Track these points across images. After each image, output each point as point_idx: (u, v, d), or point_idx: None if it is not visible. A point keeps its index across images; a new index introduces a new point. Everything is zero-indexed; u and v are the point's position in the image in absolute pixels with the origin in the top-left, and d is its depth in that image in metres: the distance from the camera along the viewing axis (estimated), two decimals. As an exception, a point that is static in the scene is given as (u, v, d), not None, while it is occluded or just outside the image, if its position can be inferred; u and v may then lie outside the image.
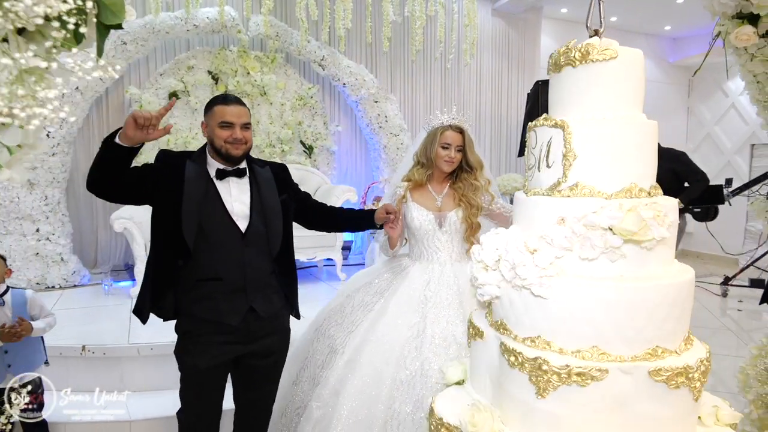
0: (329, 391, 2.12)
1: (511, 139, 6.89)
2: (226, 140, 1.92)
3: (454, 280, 2.27)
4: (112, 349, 3.23)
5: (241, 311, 1.94)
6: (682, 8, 6.57)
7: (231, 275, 1.92)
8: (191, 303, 1.94)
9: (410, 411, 1.98)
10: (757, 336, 4.40)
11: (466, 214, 2.35)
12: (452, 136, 2.36)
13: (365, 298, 2.36)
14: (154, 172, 1.90)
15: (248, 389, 2.11)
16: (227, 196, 1.95)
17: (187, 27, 4.94)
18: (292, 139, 5.54)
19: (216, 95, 2.08)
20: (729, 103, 7.92)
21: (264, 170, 2.07)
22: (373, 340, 2.15)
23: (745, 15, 1.76)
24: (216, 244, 1.91)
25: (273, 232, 2.01)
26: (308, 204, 2.29)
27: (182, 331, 2.00)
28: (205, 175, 1.94)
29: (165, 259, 1.92)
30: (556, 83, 1.40)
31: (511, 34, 6.80)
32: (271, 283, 2.02)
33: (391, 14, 4.84)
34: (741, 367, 2.20)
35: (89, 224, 5.18)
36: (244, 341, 1.98)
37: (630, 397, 1.14)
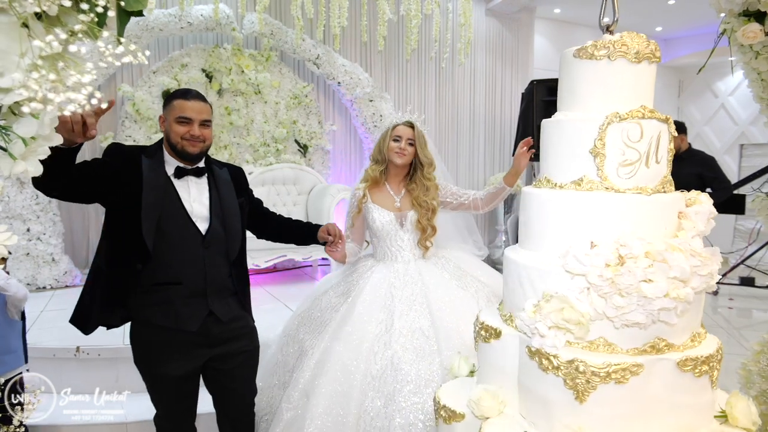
0: (299, 392, 2.12)
1: (505, 138, 6.91)
2: (183, 136, 1.83)
3: (418, 277, 2.33)
4: (107, 350, 3.18)
5: (200, 316, 1.86)
6: (673, 9, 6.63)
7: (191, 278, 1.85)
8: (147, 309, 1.84)
9: (382, 405, 2.00)
10: (748, 333, 4.46)
11: (419, 217, 2.39)
12: (403, 130, 2.43)
13: (332, 299, 2.40)
14: (108, 168, 1.76)
15: (223, 393, 2.04)
16: (186, 196, 1.87)
17: (180, 24, 4.89)
18: (286, 138, 5.51)
19: (176, 89, 1.96)
20: (719, 104, 8.02)
21: (222, 171, 2.01)
22: (342, 339, 2.17)
23: (752, 12, 1.77)
24: (176, 246, 1.83)
25: (232, 235, 1.94)
26: (260, 210, 2.22)
27: (140, 342, 1.91)
28: (162, 173, 1.84)
29: (121, 263, 1.80)
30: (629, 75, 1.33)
31: (505, 34, 6.82)
32: (228, 287, 1.96)
33: (387, 12, 4.83)
34: (743, 363, 2.21)
35: (81, 224, 5.10)
36: (207, 345, 1.91)
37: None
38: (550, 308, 1.15)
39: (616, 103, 1.28)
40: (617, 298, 1.14)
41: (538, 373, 1.22)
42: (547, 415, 1.22)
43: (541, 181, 1.39)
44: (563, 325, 1.15)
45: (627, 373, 1.14)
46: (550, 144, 1.37)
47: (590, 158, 1.27)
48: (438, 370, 2.04)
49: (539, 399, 1.24)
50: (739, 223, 7.40)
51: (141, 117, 4.90)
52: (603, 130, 1.24)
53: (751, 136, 7.65)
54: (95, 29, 0.64)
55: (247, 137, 5.35)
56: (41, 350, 3.14)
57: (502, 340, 1.34)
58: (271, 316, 3.62)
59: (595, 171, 1.27)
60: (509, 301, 1.40)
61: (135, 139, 4.88)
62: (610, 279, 1.14)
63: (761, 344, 2.14)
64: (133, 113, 4.88)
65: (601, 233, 1.22)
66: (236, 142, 5.32)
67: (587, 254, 1.15)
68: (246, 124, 5.33)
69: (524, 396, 1.30)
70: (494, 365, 1.38)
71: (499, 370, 1.36)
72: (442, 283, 2.31)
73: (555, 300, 1.16)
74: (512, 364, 1.32)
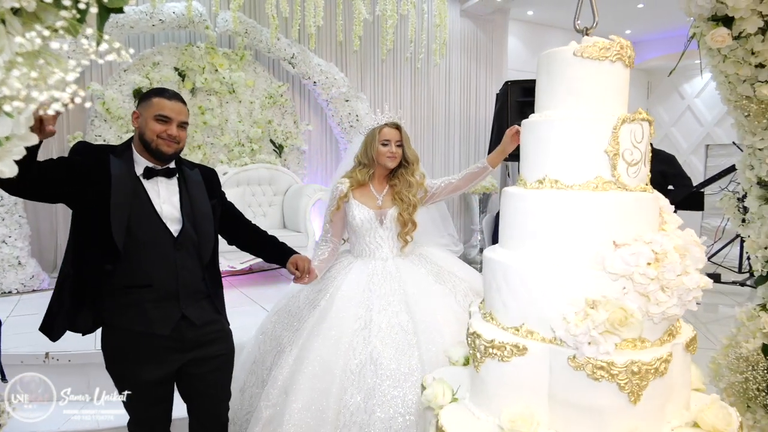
0: (278, 390, 2.11)
1: (480, 138, 6.97)
2: (159, 135, 1.78)
3: (396, 273, 2.34)
4: (77, 355, 3.10)
5: (172, 319, 1.82)
6: (642, 13, 6.79)
7: (162, 281, 1.80)
8: (117, 312, 1.80)
9: (361, 400, 2.00)
10: (715, 328, 4.59)
11: (400, 211, 2.41)
12: (390, 132, 2.42)
13: (310, 296, 2.38)
14: (75, 166, 1.70)
15: (199, 398, 2.00)
16: (155, 197, 1.82)
17: (152, 22, 4.80)
18: (261, 138, 5.46)
19: (155, 87, 1.93)
20: (685, 105, 8.24)
21: (194, 173, 1.96)
22: (321, 335, 2.16)
23: (720, 17, 1.82)
24: (146, 248, 1.77)
25: (204, 237, 1.91)
26: (233, 214, 2.18)
27: (111, 346, 1.86)
28: (131, 172, 1.79)
29: (91, 265, 1.75)
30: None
31: (479, 35, 6.89)
32: (202, 290, 1.92)
33: (363, 12, 4.82)
34: (712, 357, 2.28)
35: (48, 226, 4.96)
36: (181, 350, 1.87)
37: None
38: (600, 314, 1.12)
39: (612, 104, 1.31)
40: (660, 294, 1.16)
41: (586, 383, 1.16)
42: (597, 424, 1.18)
43: (543, 182, 1.33)
44: (613, 330, 1.13)
45: (665, 363, 1.18)
46: (556, 144, 1.31)
47: (605, 158, 1.26)
48: (417, 363, 2.05)
49: (586, 409, 1.18)
50: (706, 222, 7.62)
51: (111, 116, 4.79)
52: (616, 131, 1.25)
53: (716, 136, 7.88)
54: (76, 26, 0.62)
55: (222, 137, 5.28)
56: (8, 357, 3.03)
57: (527, 357, 1.23)
58: (246, 318, 3.57)
59: (610, 171, 1.27)
60: (523, 311, 1.28)
61: (105, 138, 4.76)
62: (655, 277, 1.16)
63: (729, 338, 2.21)
64: (103, 112, 4.76)
65: (615, 232, 1.22)
66: (210, 141, 5.24)
67: (632, 254, 1.15)
68: (220, 124, 5.26)
69: (562, 410, 1.22)
70: (512, 384, 1.26)
71: (520, 388, 1.25)
72: (420, 279, 2.32)
73: (605, 305, 1.13)
74: (539, 379, 1.22)
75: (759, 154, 2.02)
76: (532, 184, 1.36)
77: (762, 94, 1.86)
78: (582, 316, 1.13)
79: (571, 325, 1.14)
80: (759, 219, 2.11)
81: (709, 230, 7.26)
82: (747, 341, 2.10)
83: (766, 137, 1.97)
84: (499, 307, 1.33)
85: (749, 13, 1.75)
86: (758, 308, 2.13)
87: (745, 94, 1.93)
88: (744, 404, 2.12)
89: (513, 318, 1.30)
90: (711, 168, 7.76)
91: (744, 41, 1.83)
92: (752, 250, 2.16)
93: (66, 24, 0.61)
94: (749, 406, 2.11)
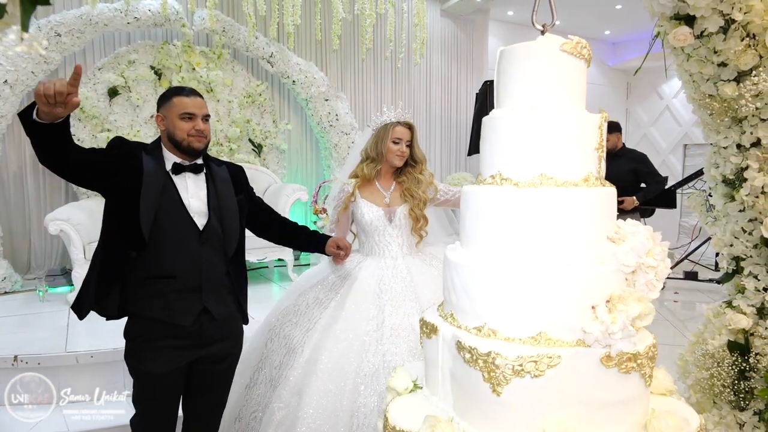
0: (290, 391, 2.09)
1: (461, 138, 6.99)
2: (189, 133, 1.86)
3: (407, 273, 2.31)
4: (47, 358, 3.04)
5: (194, 312, 1.86)
6: (621, 14, 6.86)
7: (185, 273, 1.85)
8: (140, 302, 1.85)
9: (376, 402, 1.98)
10: (692, 325, 4.64)
11: (411, 207, 2.40)
12: (402, 131, 2.40)
13: (319, 295, 2.35)
14: (112, 159, 1.80)
15: (200, 396, 2.03)
16: (184, 192, 1.89)
17: (127, 19, 4.73)
18: (240, 137, 5.41)
19: (170, 87, 2.00)
20: (663, 106, 8.35)
21: (221, 169, 2.02)
22: (332, 337, 2.14)
23: (682, 16, 1.84)
24: (172, 239, 1.83)
25: (229, 232, 1.95)
26: (261, 208, 2.23)
27: (132, 335, 1.90)
28: (162, 168, 1.87)
29: (117, 250, 1.81)
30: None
31: (460, 35, 6.90)
32: (225, 284, 1.97)
33: (341, 11, 4.81)
34: (680, 354, 2.30)
35: (21, 226, 4.87)
36: (198, 345, 1.90)
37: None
38: (632, 307, 1.14)
39: (582, 101, 1.31)
40: (655, 281, 1.22)
41: (618, 378, 1.15)
42: (628, 415, 1.19)
43: (543, 178, 1.26)
44: (635, 323, 1.16)
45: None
46: (549, 141, 1.25)
47: (594, 155, 1.27)
48: None
49: (616, 404, 1.18)
50: (683, 220, 7.72)
51: (85, 115, 4.72)
52: (600, 128, 1.26)
53: (694, 136, 7.99)
54: (-9, 17, 0.60)
55: (200, 136, 5.22)
56: (-26, 360, 2.98)
57: (561, 366, 1.12)
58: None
59: (597, 168, 1.28)
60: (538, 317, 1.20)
61: (79, 138, 4.68)
62: (652, 266, 1.21)
63: (696, 335, 2.23)
64: (77, 111, 4.68)
65: (606, 228, 1.26)
66: (187, 141, 5.18)
67: (632, 247, 1.19)
68: (203, 122, 5.20)
69: (590, 412, 1.17)
70: (545, 399, 1.14)
71: (552, 401, 1.14)
72: (431, 279, 2.29)
73: (628, 299, 1.16)
74: (567, 388, 1.15)
75: (723, 152, 2.04)
76: (524, 182, 1.29)
77: (724, 93, 1.87)
78: (615, 311, 1.14)
79: (607, 323, 1.12)
80: (724, 217, 2.13)
81: (686, 229, 7.35)
82: (713, 338, 2.12)
83: (729, 135, 2.00)
84: (503, 314, 1.25)
85: (710, 12, 1.76)
86: (724, 305, 2.15)
87: (709, 93, 1.95)
88: (710, 400, 2.15)
89: (527, 327, 1.21)
90: (689, 167, 7.87)
91: (706, 40, 1.85)
92: (718, 248, 2.18)
93: (-23, 14, 0.59)
94: (715, 402, 2.13)
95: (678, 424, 1.17)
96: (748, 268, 2.06)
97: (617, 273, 1.20)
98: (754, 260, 2.04)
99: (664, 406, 1.31)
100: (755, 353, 2.00)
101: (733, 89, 1.85)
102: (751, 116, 1.91)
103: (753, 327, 2.02)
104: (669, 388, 1.47)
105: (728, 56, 1.82)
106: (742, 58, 1.79)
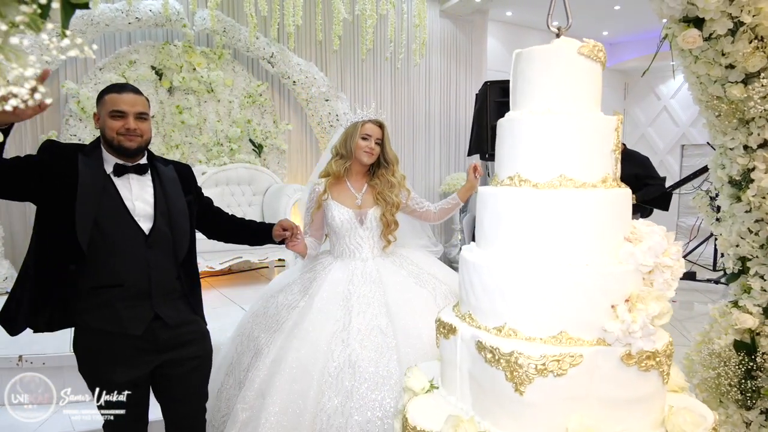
0: (255, 392, 2.08)
1: (460, 138, 7.01)
2: (118, 131, 1.74)
3: (377, 275, 2.32)
4: (52, 358, 3.04)
5: (145, 319, 1.77)
6: (619, 15, 6.89)
7: (133, 280, 1.76)
8: (86, 313, 1.75)
9: (339, 403, 1.98)
10: (691, 325, 4.67)
11: (383, 211, 2.40)
12: (372, 128, 2.41)
13: (288, 297, 2.36)
14: (41, 165, 1.68)
15: (174, 403, 1.95)
16: (127, 194, 1.78)
17: (128, 20, 4.72)
18: (240, 137, 5.41)
19: (110, 84, 1.89)
20: (661, 106, 8.39)
21: (168, 169, 1.93)
22: (299, 337, 2.14)
23: (691, 18, 1.86)
24: (116, 246, 1.73)
25: (179, 235, 1.86)
26: (211, 210, 2.15)
27: (83, 348, 1.80)
28: (101, 171, 1.76)
29: (53, 264, 1.69)
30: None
31: (459, 36, 6.92)
32: (176, 289, 1.88)
33: (342, 12, 4.81)
34: (686, 353, 2.32)
35: (22, 226, 4.85)
36: (156, 350, 1.82)
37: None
38: (652, 306, 1.15)
39: (597, 103, 1.33)
40: (671, 280, 1.27)
41: (638, 375, 1.17)
42: (647, 411, 1.20)
43: (560, 179, 1.26)
44: (655, 322, 1.17)
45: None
46: (568, 142, 1.26)
47: (611, 157, 1.28)
48: (396, 366, 2.04)
49: (635, 402, 1.19)
50: (681, 221, 7.77)
51: (86, 115, 4.70)
52: (617, 130, 1.28)
53: (691, 137, 8.04)
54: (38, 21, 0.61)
55: (200, 136, 5.22)
56: (-22, 361, 2.97)
57: (584, 364, 1.13)
58: (225, 319, 3.55)
59: (613, 169, 1.29)
60: (557, 316, 1.21)
61: (80, 137, 4.67)
62: (669, 265, 1.25)
63: (702, 335, 2.25)
64: (78, 111, 4.67)
65: (623, 228, 1.27)
66: (188, 141, 5.18)
67: (650, 247, 1.21)
68: (198, 123, 5.19)
69: (607, 409, 1.18)
70: (567, 397, 1.15)
71: (574, 400, 1.15)
72: (400, 281, 2.31)
73: (647, 298, 1.17)
74: (588, 386, 1.16)
75: (730, 153, 2.06)
76: (543, 183, 1.30)
77: (732, 95, 1.89)
78: (636, 310, 1.15)
79: (627, 322, 1.13)
80: (730, 217, 2.15)
81: (684, 229, 7.39)
82: (719, 337, 2.14)
83: (736, 137, 2.02)
84: (519, 315, 1.27)
85: (719, 14, 1.78)
86: (730, 305, 2.18)
87: (716, 95, 1.97)
88: (716, 399, 2.17)
89: (546, 326, 1.22)
90: (686, 168, 7.91)
91: (714, 42, 1.87)
92: (724, 248, 2.20)
93: (26, 19, 0.59)
94: (721, 401, 2.15)
95: (696, 420, 1.19)
96: (754, 269, 2.08)
97: (635, 273, 1.22)
98: (761, 260, 2.07)
99: (680, 402, 1.33)
100: (762, 353, 2.02)
101: (741, 91, 1.87)
102: (758, 117, 1.93)
103: (759, 327, 2.05)
104: (681, 385, 1.49)
105: (736, 58, 1.84)
106: (751, 61, 1.81)
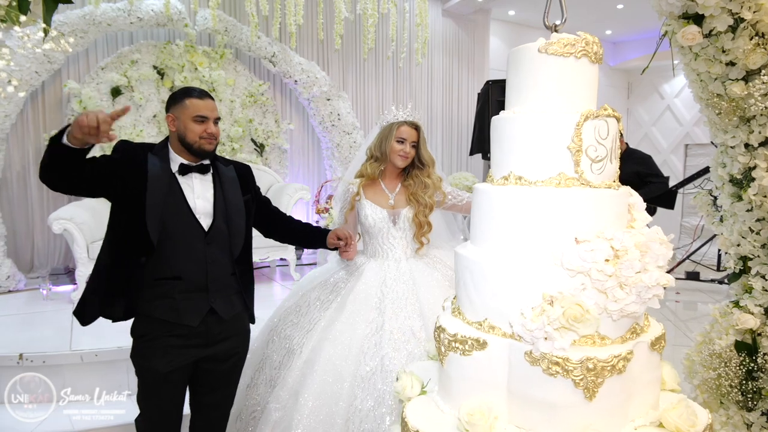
0: (288, 391, 2.08)
1: (462, 137, 6.99)
2: (201, 135, 1.86)
3: (409, 276, 2.29)
4: (52, 356, 3.04)
5: (201, 312, 1.88)
6: (622, 14, 6.86)
7: (192, 274, 1.86)
8: (148, 303, 1.86)
9: (372, 406, 1.97)
10: (694, 325, 4.64)
11: (416, 212, 2.36)
12: (408, 132, 2.37)
13: (321, 296, 2.33)
14: (116, 164, 1.81)
15: (207, 393, 2.03)
16: (190, 193, 1.89)
17: (130, 19, 4.73)
18: (242, 136, 5.41)
19: (181, 88, 2.00)
20: (665, 105, 8.34)
21: (228, 169, 2.02)
22: (331, 338, 2.13)
23: (691, 15, 1.84)
24: (178, 241, 1.84)
25: (235, 232, 1.96)
26: (268, 209, 2.24)
27: (138, 334, 1.91)
28: (167, 169, 1.87)
29: (125, 257, 1.82)
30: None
31: (461, 35, 6.90)
32: (232, 285, 1.97)
33: (343, 11, 4.80)
34: (687, 353, 2.29)
35: (24, 225, 4.87)
36: (204, 344, 1.91)
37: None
38: (556, 309, 1.11)
39: (577, 100, 1.29)
40: (618, 291, 1.15)
41: (542, 378, 1.16)
42: (554, 419, 1.17)
43: (507, 178, 1.32)
44: (569, 326, 1.12)
45: (624, 361, 1.16)
46: (520, 140, 1.29)
47: (568, 155, 1.26)
48: None
49: (543, 404, 1.18)
50: (685, 221, 7.72)
51: (88, 115, 4.71)
52: (579, 127, 1.24)
53: (695, 136, 7.99)
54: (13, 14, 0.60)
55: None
56: (-20, 358, 2.98)
57: (487, 351, 1.23)
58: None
59: (573, 167, 1.26)
60: (486, 305, 1.29)
61: (82, 137, 4.68)
62: (612, 274, 1.14)
63: (703, 335, 2.22)
64: (80, 110, 4.67)
65: (578, 229, 1.21)
66: (190, 141, 5.18)
67: (592, 250, 1.14)
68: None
69: (521, 404, 1.22)
70: (473, 378, 1.26)
71: (481, 382, 1.25)
72: (434, 284, 2.26)
73: (561, 301, 1.13)
74: (498, 374, 1.23)
75: (730, 151, 2.04)
76: (498, 180, 1.34)
77: (733, 92, 1.87)
78: (539, 311, 1.13)
79: (527, 320, 1.13)
80: (731, 216, 2.13)
81: (688, 229, 7.35)
82: (720, 338, 2.12)
83: (737, 135, 1.99)
84: (466, 302, 1.32)
85: (719, 11, 1.76)
86: (731, 305, 2.15)
87: (717, 92, 1.95)
88: (717, 400, 2.14)
89: (477, 313, 1.29)
90: (690, 167, 7.86)
91: (714, 39, 1.85)
92: (725, 248, 2.18)
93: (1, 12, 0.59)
94: (722, 402, 2.13)
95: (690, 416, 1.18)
96: (755, 268, 2.05)
97: (564, 274, 1.19)
98: (762, 260, 2.04)
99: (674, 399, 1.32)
100: (763, 353, 2.00)
101: (742, 88, 1.85)
102: (759, 115, 1.91)
103: (760, 327, 2.02)
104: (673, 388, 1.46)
105: (737, 55, 1.82)
106: (751, 57, 1.79)
